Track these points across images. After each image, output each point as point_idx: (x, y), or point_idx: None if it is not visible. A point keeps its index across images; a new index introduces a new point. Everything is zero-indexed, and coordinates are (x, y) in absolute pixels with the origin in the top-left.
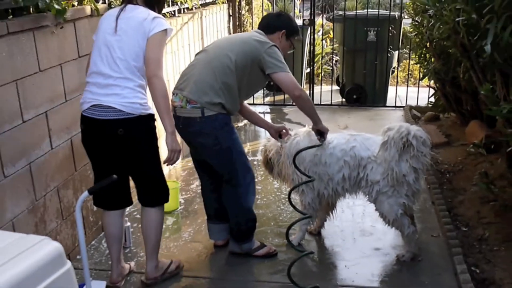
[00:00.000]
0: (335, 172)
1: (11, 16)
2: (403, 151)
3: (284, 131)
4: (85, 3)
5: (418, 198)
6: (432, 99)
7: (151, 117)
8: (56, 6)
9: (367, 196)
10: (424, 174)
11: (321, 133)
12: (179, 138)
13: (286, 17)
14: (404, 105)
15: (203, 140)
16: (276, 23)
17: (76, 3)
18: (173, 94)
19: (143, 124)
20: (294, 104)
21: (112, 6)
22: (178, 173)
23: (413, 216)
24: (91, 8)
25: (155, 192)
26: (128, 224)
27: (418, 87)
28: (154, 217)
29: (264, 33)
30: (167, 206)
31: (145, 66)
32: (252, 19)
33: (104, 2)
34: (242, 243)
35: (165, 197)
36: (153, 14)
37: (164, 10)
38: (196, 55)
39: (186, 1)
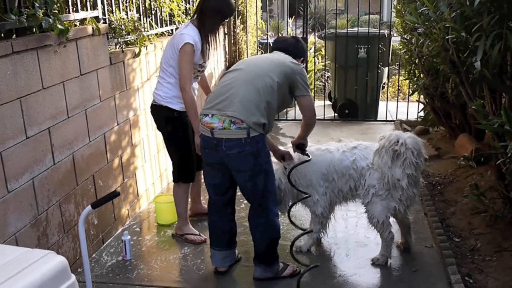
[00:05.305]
0: (343, 184)
1: (15, 35)
2: (396, 157)
3: (288, 155)
4: (87, 23)
5: (413, 203)
6: (422, 114)
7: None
8: (59, 26)
9: (362, 198)
10: (419, 179)
11: (301, 147)
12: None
13: (304, 45)
14: (394, 119)
15: (245, 161)
16: (297, 50)
17: (78, 23)
18: (206, 115)
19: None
20: (287, 119)
21: (112, 25)
22: None
23: (409, 227)
24: (93, 28)
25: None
26: (128, 237)
27: (408, 102)
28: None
29: None
30: (166, 219)
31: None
32: (246, 37)
33: (104, 22)
34: (273, 265)
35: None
36: (184, 30)
37: (163, 29)
38: (225, 74)
39: (184, 20)
